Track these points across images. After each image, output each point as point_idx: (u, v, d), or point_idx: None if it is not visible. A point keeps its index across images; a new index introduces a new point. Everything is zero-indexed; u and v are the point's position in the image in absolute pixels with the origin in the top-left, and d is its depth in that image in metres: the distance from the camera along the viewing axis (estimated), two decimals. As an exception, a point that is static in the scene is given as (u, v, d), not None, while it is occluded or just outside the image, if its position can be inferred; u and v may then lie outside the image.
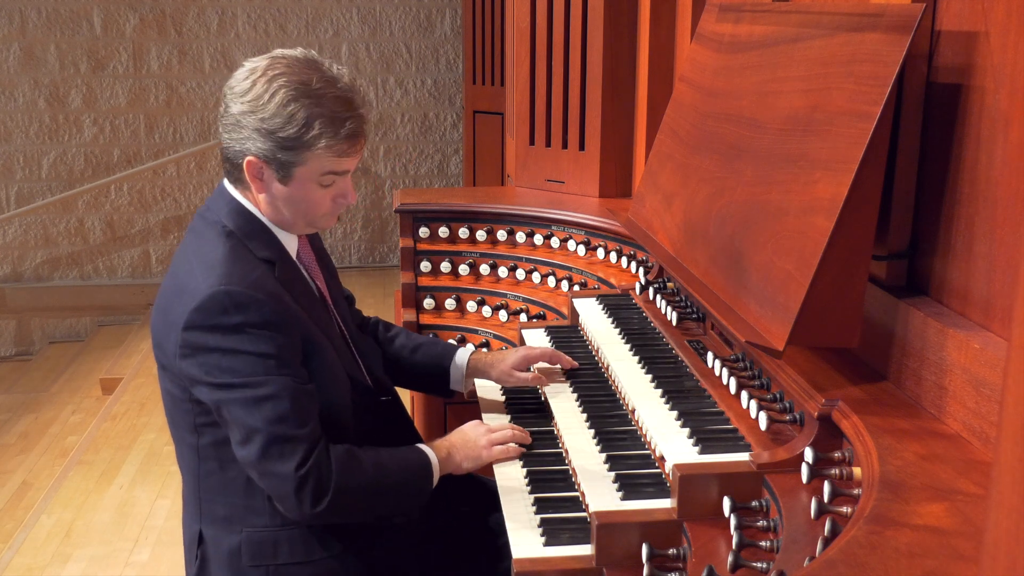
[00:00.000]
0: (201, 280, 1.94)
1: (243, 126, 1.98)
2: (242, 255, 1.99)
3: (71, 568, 3.95)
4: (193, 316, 1.92)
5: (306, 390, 1.96)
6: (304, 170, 1.99)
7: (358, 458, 2.00)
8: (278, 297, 1.96)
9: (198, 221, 2.09)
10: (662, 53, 3.52)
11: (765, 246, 1.99)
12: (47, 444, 5.47)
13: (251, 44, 7.61)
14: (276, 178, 2.01)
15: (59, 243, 7.65)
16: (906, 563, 1.27)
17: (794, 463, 1.74)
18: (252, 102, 1.96)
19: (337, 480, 1.94)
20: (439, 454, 2.13)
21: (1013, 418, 0.73)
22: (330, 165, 2.01)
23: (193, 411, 2.02)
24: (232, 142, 2.01)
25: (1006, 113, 1.62)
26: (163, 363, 2.04)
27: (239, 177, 2.05)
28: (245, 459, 1.94)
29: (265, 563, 2.04)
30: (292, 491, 1.91)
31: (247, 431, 1.92)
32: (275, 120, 1.95)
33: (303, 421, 1.93)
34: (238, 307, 1.91)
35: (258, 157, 1.99)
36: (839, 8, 2.05)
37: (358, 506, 2.02)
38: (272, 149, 1.97)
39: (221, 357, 1.92)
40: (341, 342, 2.18)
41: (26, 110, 7.47)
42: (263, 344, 1.92)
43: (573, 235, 3.46)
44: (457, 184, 7.93)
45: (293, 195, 2.02)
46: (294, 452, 1.91)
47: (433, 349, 2.50)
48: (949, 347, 1.67)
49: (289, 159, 1.98)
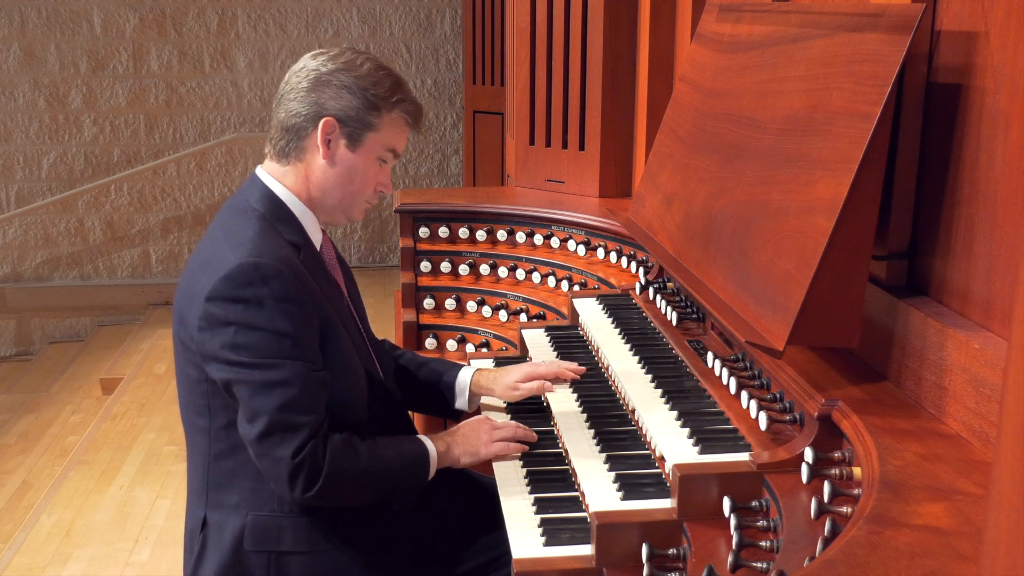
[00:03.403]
0: (230, 253, 1.97)
1: (331, 85, 2.08)
2: (271, 234, 2.04)
3: (71, 568, 3.95)
4: (219, 285, 1.94)
5: (317, 377, 1.99)
6: (375, 137, 2.10)
7: (354, 447, 2.03)
8: (303, 276, 2.01)
9: (226, 207, 2.14)
10: (662, 53, 3.52)
11: (765, 246, 1.99)
12: (47, 444, 5.47)
13: (251, 44, 7.61)
14: (345, 144, 2.09)
15: (59, 243, 7.65)
16: (906, 563, 1.27)
17: (794, 463, 1.74)
18: (346, 62, 2.10)
19: (329, 468, 1.97)
20: (438, 447, 2.16)
21: (1013, 418, 0.73)
22: (394, 139, 2.14)
23: (208, 393, 2.04)
24: (307, 105, 2.08)
25: (1006, 113, 1.62)
26: (183, 340, 2.06)
27: (297, 146, 2.10)
28: (246, 435, 1.98)
29: (267, 549, 2.06)
30: (285, 475, 1.95)
31: (253, 411, 1.95)
32: (369, 79, 2.09)
33: (309, 408, 1.96)
34: (264, 279, 1.94)
35: (336, 117, 2.07)
36: (839, 8, 2.05)
37: (348, 492, 2.05)
38: (358, 107, 2.08)
39: (237, 332, 1.94)
40: (358, 335, 2.21)
41: (26, 110, 7.47)
42: (282, 321, 1.95)
43: (573, 235, 3.46)
44: (457, 184, 7.94)
45: (354, 165, 2.11)
46: (294, 438, 1.94)
47: (438, 368, 2.53)
48: (949, 347, 1.67)
49: (369, 120, 2.09)
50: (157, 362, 6.27)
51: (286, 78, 2.13)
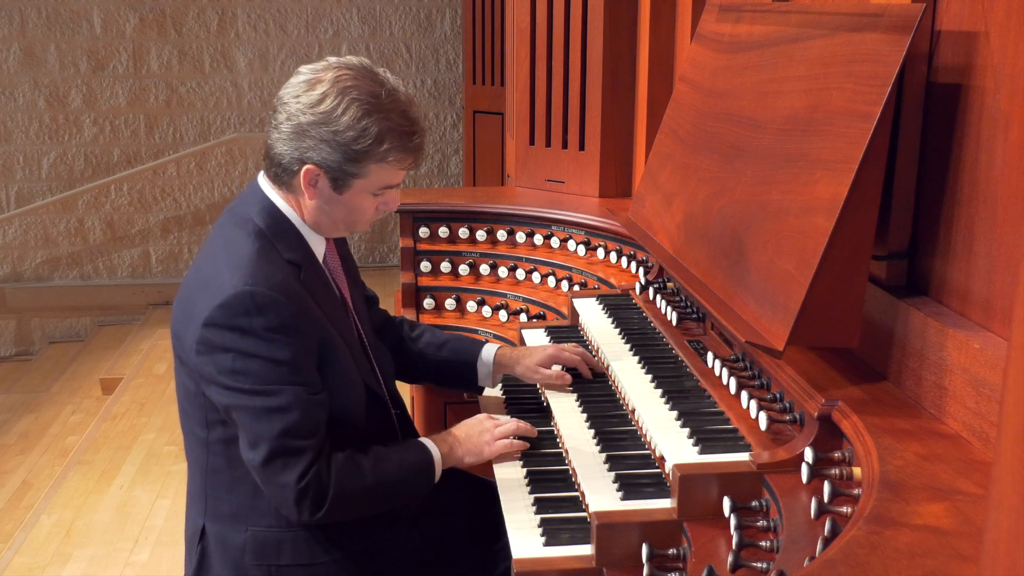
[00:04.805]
0: (227, 277, 1.96)
1: (310, 136, 1.99)
2: (269, 255, 2.01)
3: (71, 568, 3.95)
4: (215, 313, 1.93)
5: (317, 400, 1.98)
6: (363, 182, 2.03)
7: (358, 463, 2.02)
8: (300, 300, 1.99)
9: (227, 216, 2.11)
10: (662, 53, 3.52)
11: (765, 246, 1.99)
12: (47, 444, 5.47)
13: (251, 44, 7.61)
14: (331, 187, 2.03)
15: (59, 243, 7.65)
16: (906, 563, 1.27)
17: (794, 463, 1.74)
18: (325, 114, 1.97)
19: (335, 489, 1.97)
20: (441, 448, 2.16)
21: (1013, 418, 0.73)
22: (388, 178, 2.06)
23: (205, 406, 2.04)
24: (290, 149, 2.01)
25: (1006, 113, 1.62)
26: (180, 355, 2.05)
27: (286, 181, 2.06)
28: (250, 462, 1.98)
29: (268, 563, 2.06)
30: (292, 501, 1.95)
31: (255, 438, 1.95)
32: (348, 134, 1.97)
33: (310, 432, 1.96)
34: (260, 309, 1.93)
35: (318, 166, 2.00)
36: (839, 8, 2.05)
37: (356, 508, 2.05)
38: (339, 161, 1.99)
39: (235, 359, 1.93)
40: (359, 348, 2.20)
41: (26, 110, 7.47)
42: (279, 350, 1.94)
43: (573, 235, 3.46)
44: (457, 184, 7.93)
45: (345, 203, 2.06)
46: (297, 463, 1.94)
47: (459, 345, 2.54)
48: (949, 347, 1.67)
49: (353, 171, 2.01)
50: (157, 362, 6.27)
51: (277, 98, 2.05)
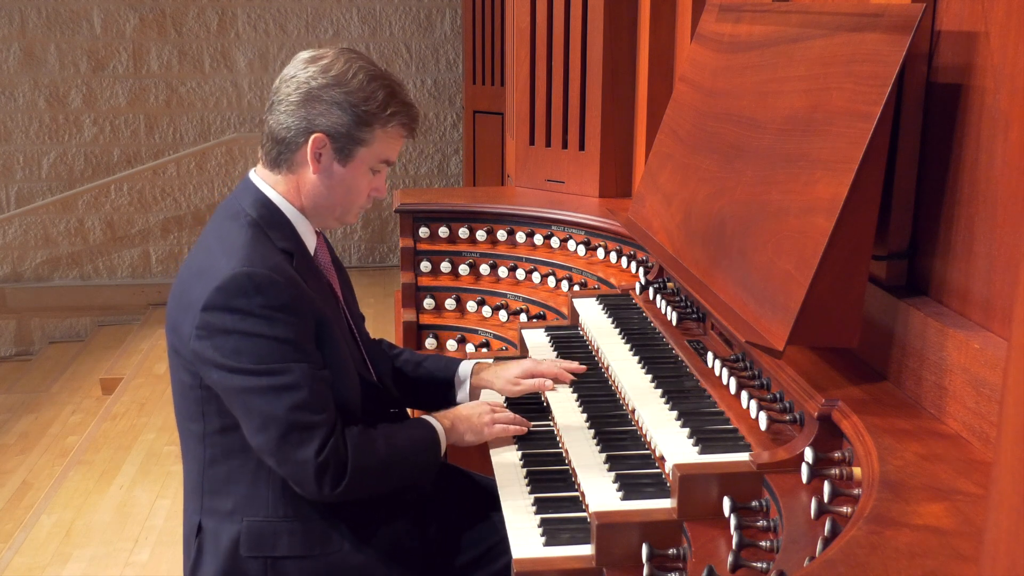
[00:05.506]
0: (223, 262, 1.97)
1: (322, 100, 2.04)
2: (263, 242, 2.04)
3: (71, 568, 3.95)
4: (214, 296, 1.94)
5: (322, 375, 2.00)
6: (366, 151, 2.09)
7: (372, 437, 2.05)
8: (296, 282, 2.00)
9: (220, 212, 2.14)
10: (662, 53, 3.52)
11: (765, 246, 1.99)
12: (47, 444, 5.47)
13: (251, 44, 7.61)
14: (335, 159, 2.07)
15: (59, 243, 7.65)
16: (906, 563, 1.27)
17: (794, 463, 1.74)
18: (336, 77, 2.04)
19: (354, 462, 1.98)
20: (443, 423, 2.20)
21: (1013, 418, 0.73)
22: (388, 150, 2.11)
23: (202, 399, 2.04)
24: (297, 120, 2.05)
25: (1006, 113, 1.62)
26: (176, 347, 2.06)
27: (287, 159, 2.08)
28: (262, 446, 1.97)
29: (263, 555, 2.06)
30: (312, 477, 1.95)
31: (265, 419, 1.95)
32: (359, 94, 2.04)
33: (321, 407, 1.97)
34: (258, 289, 1.94)
35: (326, 133, 2.05)
36: (839, 8, 2.05)
37: (374, 483, 2.07)
38: (348, 124, 2.05)
39: (239, 340, 1.94)
40: (351, 339, 2.21)
41: (26, 110, 7.47)
42: (281, 328, 1.95)
43: (573, 235, 3.46)
44: (457, 184, 7.93)
45: (345, 178, 2.10)
46: (312, 439, 1.95)
47: (438, 363, 2.54)
48: (949, 347, 1.67)
49: (360, 136, 2.06)
50: (157, 362, 6.27)
51: (276, 84, 2.10)
